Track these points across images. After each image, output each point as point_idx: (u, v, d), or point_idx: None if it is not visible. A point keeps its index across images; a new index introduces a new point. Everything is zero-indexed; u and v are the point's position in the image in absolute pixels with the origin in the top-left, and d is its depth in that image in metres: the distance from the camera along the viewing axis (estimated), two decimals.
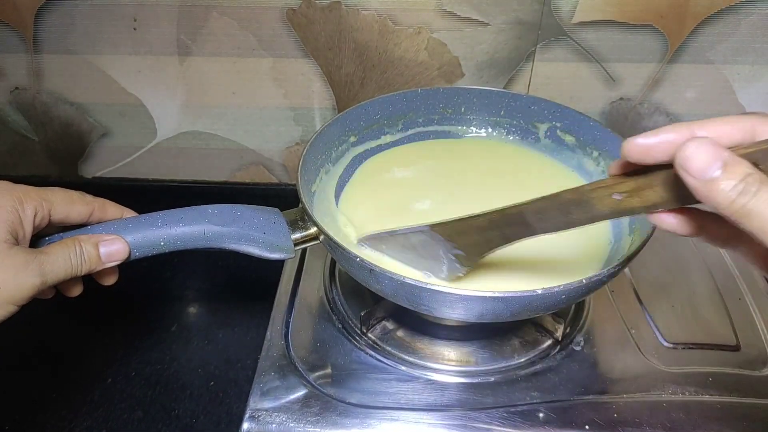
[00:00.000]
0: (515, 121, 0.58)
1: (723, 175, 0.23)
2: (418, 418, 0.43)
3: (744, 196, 0.23)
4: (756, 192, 0.23)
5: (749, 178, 0.23)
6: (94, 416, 0.50)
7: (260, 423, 0.43)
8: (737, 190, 0.23)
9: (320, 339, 0.49)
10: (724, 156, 0.24)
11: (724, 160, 0.23)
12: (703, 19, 0.57)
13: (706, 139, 0.24)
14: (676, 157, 0.25)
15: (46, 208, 0.36)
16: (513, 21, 0.58)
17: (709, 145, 0.24)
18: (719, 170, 0.23)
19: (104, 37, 0.61)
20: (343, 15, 0.58)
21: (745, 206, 0.23)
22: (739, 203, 0.23)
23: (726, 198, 0.23)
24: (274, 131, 0.67)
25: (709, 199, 0.24)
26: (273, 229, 0.43)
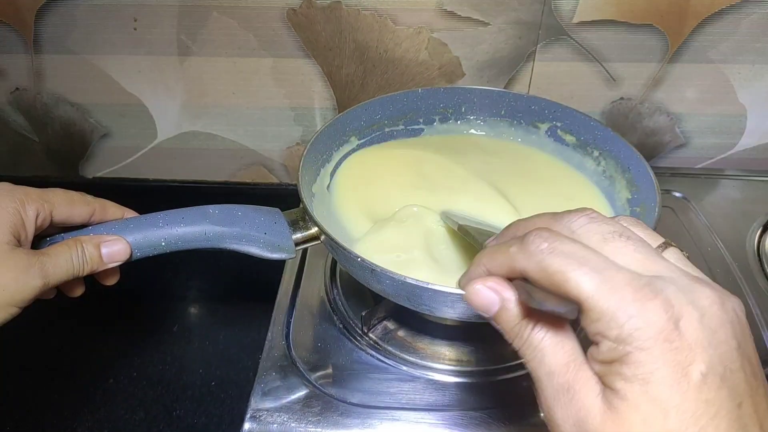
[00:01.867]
0: (516, 121, 0.58)
1: (499, 315, 0.25)
2: (419, 418, 0.43)
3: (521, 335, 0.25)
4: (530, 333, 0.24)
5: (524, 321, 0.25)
6: (95, 416, 0.50)
7: (261, 423, 0.43)
8: (512, 330, 0.25)
9: (321, 339, 0.49)
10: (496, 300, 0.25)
11: (498, 304, 0.25)
12: (704, 18, 0.57)
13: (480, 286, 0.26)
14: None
15: (48, 209, 0.36)
16: (513, 21, 0.58)
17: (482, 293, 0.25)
18: (495, 310, 0.25)
19: (105, 38, 0.61)
20: (343, 15, 0.58)
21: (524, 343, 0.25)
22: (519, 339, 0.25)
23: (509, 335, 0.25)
24: (274, 131, 0.67)
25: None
26: (274, 229, 0.43)
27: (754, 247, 0.57)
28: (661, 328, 0.21)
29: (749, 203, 0.63)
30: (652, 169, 0.47)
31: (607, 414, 0.22)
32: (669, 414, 0.20)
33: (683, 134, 0.66)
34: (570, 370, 0.23)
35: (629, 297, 0.21)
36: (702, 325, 0.21)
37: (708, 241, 0.58)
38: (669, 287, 0.22)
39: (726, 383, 0.21)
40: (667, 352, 0.21)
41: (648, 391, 0.21)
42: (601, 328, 0.22)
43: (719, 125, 0.65)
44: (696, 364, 0.21)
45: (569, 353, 0.24)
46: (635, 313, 0.21)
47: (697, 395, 0.21)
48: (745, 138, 0.66)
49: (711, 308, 0.22)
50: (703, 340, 0.21)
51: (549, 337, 0.24)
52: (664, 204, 0.59)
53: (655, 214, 0.43)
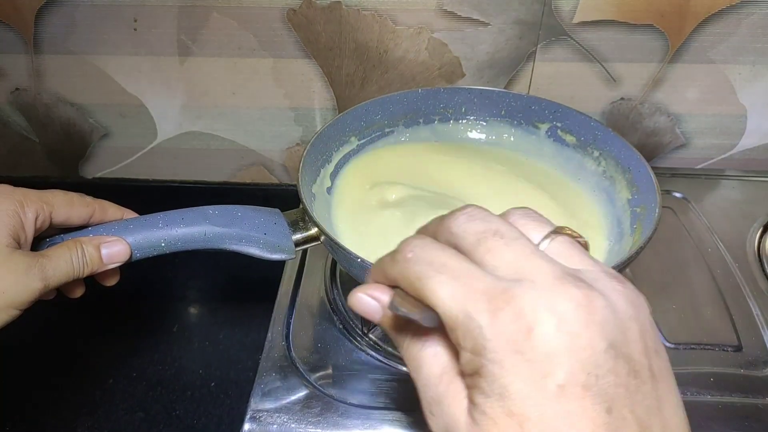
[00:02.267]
0: (516, 121, 0.58)
1: (382, 322, 0.25)
2: (420, 419, 0.43)
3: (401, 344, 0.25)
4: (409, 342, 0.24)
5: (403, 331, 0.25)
6: (95, 417, 0.50)
7: (261, 424, 0.43)
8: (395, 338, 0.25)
9: (321, 339, 0.49)
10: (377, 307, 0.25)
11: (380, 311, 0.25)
12: (704, 18, 0.57)
13: (361, 293, 0.26)
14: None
15: (47, 210, 0.36)
16: (514, 21, 0.58)
17: (362, 300, 0.25)
18: (378, 317, 0.25)
19: (105, 38, 0.61)
20: (343, 15, 0.58)
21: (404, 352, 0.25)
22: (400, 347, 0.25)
23: (394, 342, 0.26)
24: (274, 132, 0.67)
25: None
26: (274, 229, 0.43)
27: (755, 248, 0.57)
28: (511, 339, 0.20)
29: (750, 204, 0.63)
30: (653, 169, 0.47)
31: (471, 428, 0.21)
32: (525, 427, 0.20)
33: (683, 134, 0.66)
34: (442, 383, 0.23)
35: (482, 306, 0.21)
36: (559, 332, 0.20)
37: (708, 241, 0.57)
38: (527, 293, 0.21)
39: (590, 391, 0.20)
40: (520, 364, 0.20)
41: (504, 406, 0.20)
42: (458, 338, 0.21)
43: (720, 126, 0.65)
44: (552, 376, 0.20)
45: (443, 365, 0.23)
46: (486, 323, 0.21)
47: (556, 406, 0.20)
48: (746, 138, 0.66)
49: (573, 312, 0.20)
50: (559, 349, 0.20)
51: (427, 347, 0.24)
52: (665, 204, 0.59)
53: (655, 215, 0.43)
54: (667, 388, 0.22)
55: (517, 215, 0.25)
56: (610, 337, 0.21)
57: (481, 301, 0.21)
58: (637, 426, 0.20)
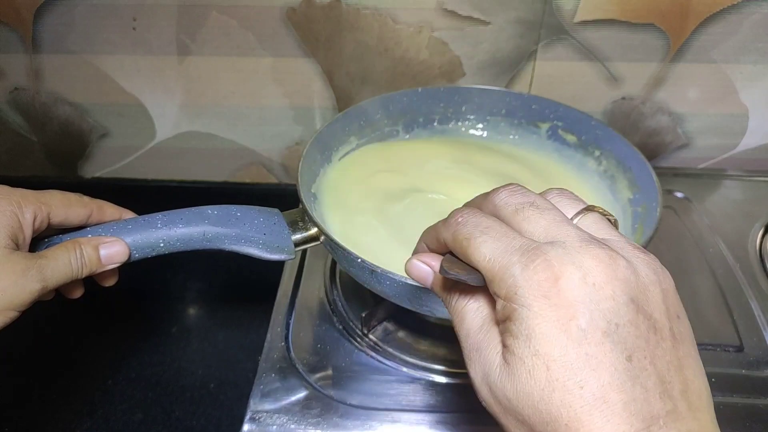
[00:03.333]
0: (516, 121, 0.57)
1: (434, 285, 0.29)
2: (419, 420, 0.43)
3: (449, 302, 0.28)
4: (456, 300, 0.28)
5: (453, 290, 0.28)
6: (93, 418, 0.50)
7: (261, 424, 0.43)
8: (444, 297, 0.29)
9: (321, 340, 0.49)
10: (429, 272, 0.29)
11: (432, 275, 0.29)
12: (705, 18, 0.57)
13: (416, 260, 0.29)
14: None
15: (45, 211, 0.36)
16: (514, 20, 0.57)
17: (417, 266, 0.29)
18: (431, 281, 0.29)
19: (103, 37, 0.60)
20: (343, 14, 0.57)
21: (451, 308, 0.28)
22: (448, 305, 0.28)
23: (443, 302, 0.29)
24: (274, 131, 0.67)
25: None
26: (273, 229, 0.42)
27: (756, 248, 0.57)
28: (539, 286, 0.23)
29: (751, 203, 0.62)
30: (654, 169, 0.47)
31: (503, 367, 0.24)
32: (550, 366, 0.22)
33: (685, 134, 0.66)
34: (481, 332, 0.26)
35: (516, 259, 0.24)
36: (584, 282, 0.22)
37: (710, 241, 0.57)
38: (555, 250, 0.23)
39: (610, 338, 0.22)
40: (547, 308, 0.22)
41: (531, 346, 0.22)
42: (494, 288, 0.24)
43: (721, 125, 0.65)
44: (575, 320, 0.22)
45: (483, 317, 0.26)
46: (518, 273, 0.23)
47: (577, 349, 0.22)
48: (747, 138, 0.66)
49: (596, 267, 0.23)
50: (583, 297, 0.22)
51: (470, 303, 0.27)
52: (666, 204, 0.59)
53: (656, 215, 0.43)
54: (687, 352, 0.23)
55: (554, 193, 0.28)
56: (632, 293, 0.23)
57: (515, 255, 0.24)
58: (657, 378, 0.22)
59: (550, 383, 0.22)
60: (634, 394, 0.21)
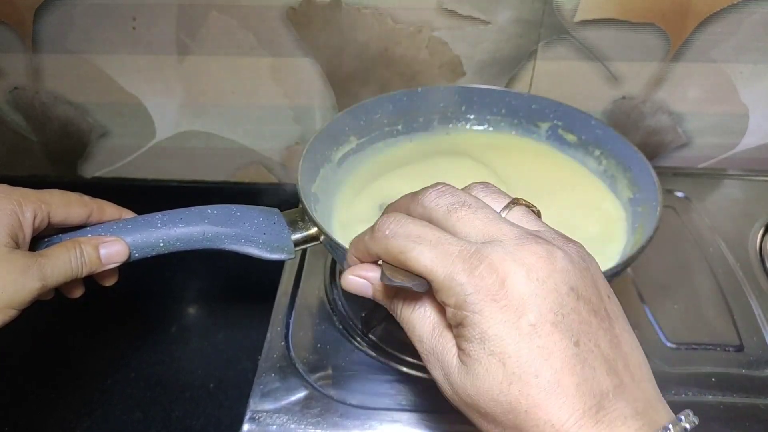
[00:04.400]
0: (516, 120, 0.57)
1: (374, 296, 0.29)
2: (420, 420, 0.43)
3: (395, 310, 0.29)
4: (402, 308, 0.28)
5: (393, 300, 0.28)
6: (93, 417, 0.50)
7: (261, 424, 0.43)
8: (389, 306, 0.29)
9: (321, 340, 0.49)
10: (367, 285, 0.29)
11: (370, 287, 0.29)
12: (706, 17, 0.57)
13: (351, 276, 0.30)
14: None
15: (45, 210, 0.36)
16: (514, 19, 0.57)
17: (352, 282, 0.30)
18: (370, 293, 0.29)
19: (103, 37, 0.60)
20: (343, 14, 0.57)
21: (398, 317, 0.29)
22: (395, 314, 0.29)
23: (390, 311, 0.29)
24: (273, 130, 0.67)
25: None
26: (273, 229, 0.42)
27: (756, 247, 0.57)
28: (488, 290, 0.24)
29: (751, 203, 0.62)
30: (654, 168, 0.47)
31: (461, 368, 0.25)
32: (506, 363, 0.23)
33: (685, 134, 0.66)
34: (434, 336, 0.27)
35: (459, 267, 0.24)
36: (528, 280, 0.23)
37: (710, 241, 0.57)
38: (496, 251, 0.24)
39: (558, 327, 0.23)
40: (497, 311, 0.23)
41: (485, 347, 0.24)
42: (443, 297, 0.25)
43: (721, 125, 0.65)
44: (525, 317, 0.23)
45: (433, 322, 0.27)
46: (465, 280, 0.24)
47: (529, 343, 0.23)
48: (748, 138, 0.66)
49: (537, 263, 0.24)
50: (529, 294, 0.23)
51: (417, 309, 0.27)
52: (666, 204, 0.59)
53: (656, 214, 0.43)
54: (622, 327, 0.25)
55: (478, 188, 0.29)
56: (571, 282, 0.24)
57: (457, 262, 0.24)
58: (602, 357, 0.24)
59: (507, 377, 0.23)
60: (585, 375, 0.23)
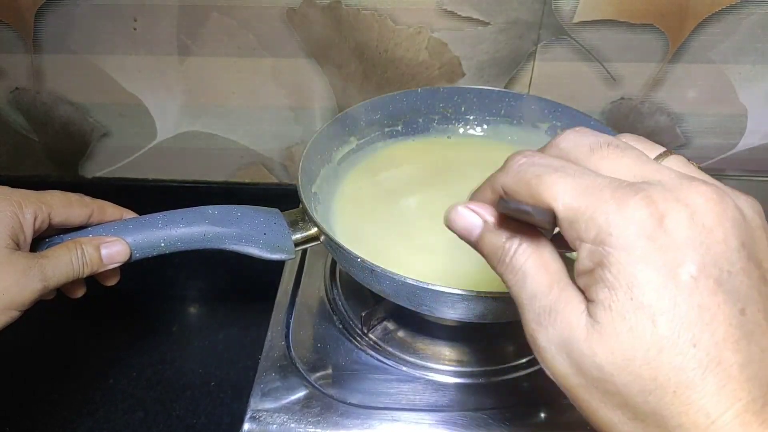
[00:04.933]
0: (516, 121, 0.58)
1: (481, 238, 0.24)
2: (419, 419, 0.43)
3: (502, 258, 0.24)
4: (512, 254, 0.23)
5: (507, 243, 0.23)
6: (94, 417, 0.50)
7: (261, 423, 0.43)
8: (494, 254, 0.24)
9: (321, 339, 0.49)
10: (478, 222, 0.24)
11: (481, 226, 0.24)
12: (704, 18, 0.57)
13: (462, 207, 0.25)
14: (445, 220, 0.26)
15: (46, 211, 0.36)
16: (514, 20, 0.57)
17: (462, 214, 0.25)
18: (477, 233, 0.24)
19: (104, 38, 0.61)
20: (343, 15, 0.58)
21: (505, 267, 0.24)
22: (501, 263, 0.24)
23: (492, 260, 0.24)
24: (274, 131, 0.67)
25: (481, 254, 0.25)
26: (273, 229, 0.42)
27: None
28: (643, 224, 0.19)
29: None
30: None
31: (592, 328, 0.20)
32: (658, 321, 0.19)
33: (684, 134, 0.66)
34: (554, 291, 0.22)
35: (607, 196, 0.20)
36: (693, 222, 0.19)
37: None
38: (654, 186, 0.20)
39: (722, 287, 0.19)
40: (652, 251, 0.19)
41: (633, 297, 0.19)
42: (579, 230, 0.20)
43: (720, 125, 0.65)
44: (686, 266, 0.19)
45: (553, 275, 0.22)
46: (614, 210, 0.19)
47: (689, 300, 0.19)
48: (746, 138, 0.66)
49: (705, 204, 0.19)
50: (693, 239, 0.19)
51: (532, 259, 0.22)
52: None
53: None
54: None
55: (628, 136, 0.24)
56: (743, 237, 0.20)
57: (605, 192, 0.20)
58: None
59: (657, 342, 0.19)
60: (750, 355, 0.18)
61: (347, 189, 0.53)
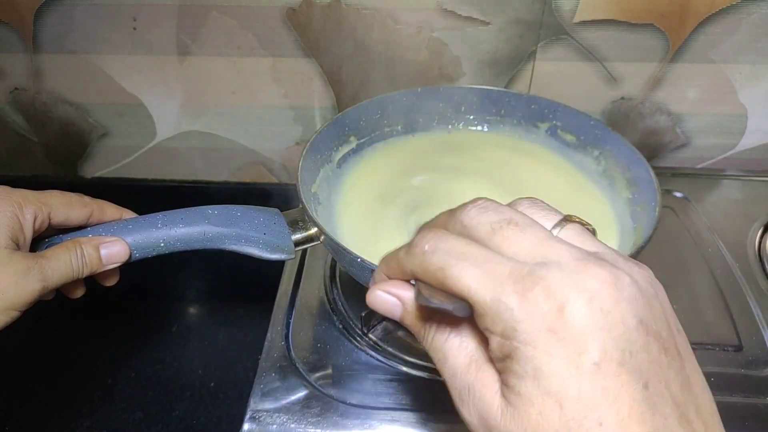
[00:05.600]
0: (516, 121, 0.57)
1: (403, 319, 0.26)
2: (420, 419, 0.43)
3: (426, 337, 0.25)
4: (433, 335, 0.24)
5: (426, 324, 0.25)
6: (94, 417, 0.50)
7: (261, 424, 0.43)
8: (418, 331, 0.25)
9: (321, 340, 0.49)
10: (398, 304, 0.26)
11: (401, 308, 0.26)
12: (704, 18, 0.57)
13: (380, 292, 0.26)
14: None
15: (46, 212, 0.36)
16: (514, 20, 0.57)
17: (381, 298, 0.26)
18: (399, 313, 0.26)
19: (104, 37, 0.60)
20: (343, 14, 0.58)
21: (429, 345, 0.25)
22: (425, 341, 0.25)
23: (417, 336, 0.26)
24: (274, 131, 0.67)
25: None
26: (273, 229, 0.42)
27: (755, 248, 0.57)
28: (543, 318, 0.20)
29: (750, 203, 0.62)
30: (653, 168, 0.47)
31: (506, 410, 0.21)
32: (564, 405, 0.20)
33: (684, 134, 0.66)
34: (471, 371, 0.23)
35: (509, 289, 0.21)
36: (591, 309, 0.20)
37: (709, 241, 0.57)
38: (553, 273, 0.21)
39: (625, 367, 0.20)
40: (554, 344, 0.20)
41: (540, 386, 0.20)
42: (487, 323, 0.21)
43: (720, 125, 0.65)
44: (587, 353, 0.20)
45: (470, 354, 0.23)
46: (515, 305, 0.21)
47: (593, 384, 0.20)
48: (746, 138, 0.66)
49: (601, 288, 0.20)
50: (592, 326, 0.20)
51: (452, 338, 0.24)
52: (665, 204, 0.59)
53: (655, 214, 0.43)
54: (692, 367, 0.22)
55: (525, 204, 0.25)
56: (640, 314, 0.21)
57: (507, 284, 0.21)
58: (673, 402, 0.20)
59: (565, 423, 0.20)
60: (655, 425, 0.20)
61: (347, 189, 0.53)
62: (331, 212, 0.50)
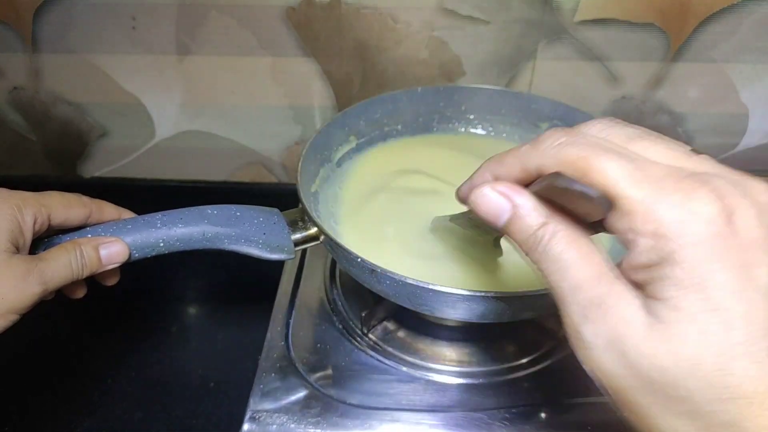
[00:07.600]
0: (516, 120, 0.57)
1: (511, 224, 0.22)
2: (419, 419, 0.43)
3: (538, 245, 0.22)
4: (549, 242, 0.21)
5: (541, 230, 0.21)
6: (93, 417, 0.50)
7: (261, 424, 0.43)
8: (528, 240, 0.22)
9: (321, 340, 0.49)
10: (507, 206, 0.22)
11: (509, 211, 0.22)
12: (705, 17, 0.57)
13: (488, 189, 0.23)
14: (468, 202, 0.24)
15: (45, 213, 0.36)
16: (515, 19, 0.57)
17: (490, 198, 0.23)
18: (506, 218, 0.22)
19: (103, 37, 0.60)
20: (343, 13, 0.57)
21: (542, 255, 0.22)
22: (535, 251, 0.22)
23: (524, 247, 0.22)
24: (273, 130, 0.67)
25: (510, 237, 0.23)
26: (273, 229, 0.42)
27: None
28: (712, 220, 0.17)
29: None
30: None
31: (654, 327, 0.18)
32: (734, 325, 0.17)
33: (685, 134, 0.66)
34: (602, 282, 0.20)
35: (670, 186, 0.18)
36: (761, 222, 0.18)
37: None
38: (717, 179, 0.18)
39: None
40: (724, 250, 0.17)
41: (706, 299, 0.17)
42: (635, 222, 0.18)
43: (721, 125, 0.65)
44: (760, 268, 0.17)
45: (598, 264, 0.20)
46: (678, 202, 0.18)
47: (766, 303, 0.17)
48: (747, 138, 0.66)
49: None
50: (764, 239, 0.18)
51: (572, 248, 0.20)
52: None
53: None
54: None
55: (654, 134, 0.22)
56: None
57: (667, 181, 0.18)
58: None
59: (731, 348, 0.17)
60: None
61: (347, 189, 0.53)
62: (331, 212, 0.50)
